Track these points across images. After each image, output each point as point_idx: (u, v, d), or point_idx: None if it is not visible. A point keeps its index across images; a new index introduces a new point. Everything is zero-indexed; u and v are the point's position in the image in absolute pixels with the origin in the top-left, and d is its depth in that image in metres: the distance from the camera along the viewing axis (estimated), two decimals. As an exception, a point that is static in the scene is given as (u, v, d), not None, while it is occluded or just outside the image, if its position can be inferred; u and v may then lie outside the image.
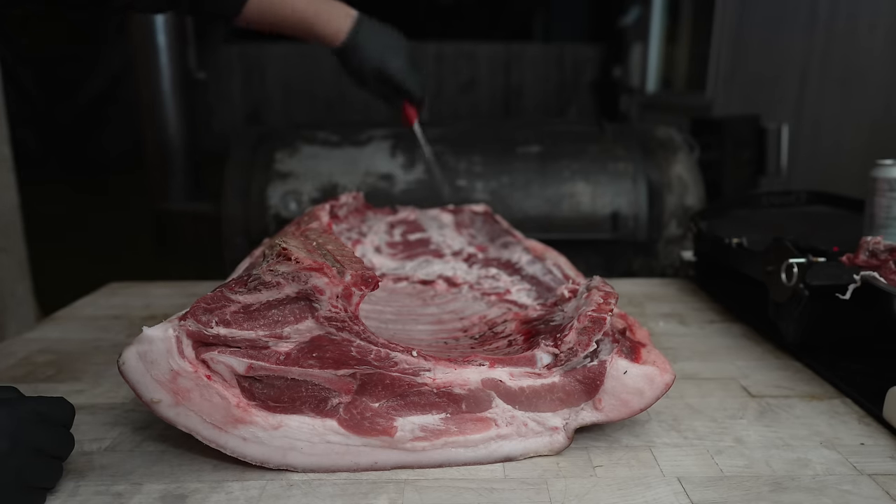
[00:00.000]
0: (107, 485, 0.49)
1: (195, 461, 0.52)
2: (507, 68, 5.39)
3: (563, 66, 5.41)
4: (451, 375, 0.52)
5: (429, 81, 0.86)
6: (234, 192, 1.39)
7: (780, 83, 2.36)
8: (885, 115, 1.80)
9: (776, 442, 0.55)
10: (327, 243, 0.58)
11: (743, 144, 2.17)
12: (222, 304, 0.50)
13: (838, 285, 0.64)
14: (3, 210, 1.43)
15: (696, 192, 1.41)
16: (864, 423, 0.58)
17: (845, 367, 0.67)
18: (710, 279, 0.98)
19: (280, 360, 0.50)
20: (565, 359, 0.53)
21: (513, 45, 5.45)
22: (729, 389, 0.65)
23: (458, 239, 0.93)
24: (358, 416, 0.51)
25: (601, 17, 5.35)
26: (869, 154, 0.97)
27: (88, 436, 0.56)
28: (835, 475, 0.50)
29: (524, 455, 0.52)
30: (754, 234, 0.87)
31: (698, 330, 0.83)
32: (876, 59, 1.86)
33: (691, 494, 0.47)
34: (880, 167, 0.81)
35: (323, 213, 0.82)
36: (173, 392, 0.49)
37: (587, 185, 1.36)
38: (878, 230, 0.81)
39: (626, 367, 0.53)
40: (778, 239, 0.75)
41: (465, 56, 5.34)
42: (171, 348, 0.49)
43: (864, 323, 0.68)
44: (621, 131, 1.48)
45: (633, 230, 1.35)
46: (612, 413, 0.53)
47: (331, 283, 0.50)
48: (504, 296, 0.76)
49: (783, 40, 2.38)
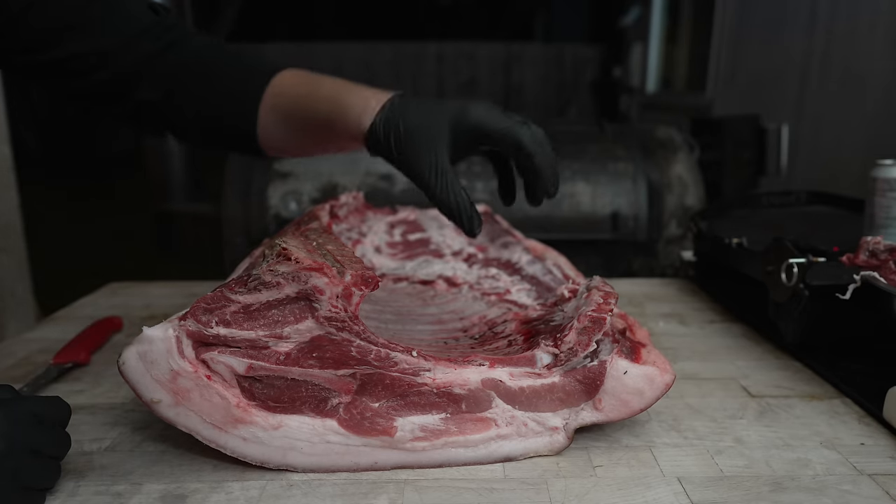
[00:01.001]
0: (107, 485, 0.49)
1: (195, 461, 0.52)
2: (507, 68, 5.39)
3: (563, 66, 5.41)
4: (451, 375, 0.52)
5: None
6: (234, 192, 1.39)
7: (780, 83, 2.36)
8: (885, 115, 1.80)
9: (776, 442, 0.55)
10: (327, 243, 0.58)
11: (743, 144, 2.17)
12: (222, 304, 0.50)
13: (838, 285, 0.64)
14: (3, 210, 1.43)
15: (696, 192, 1.41)
16: (864, 423, 0.58)
17: (845, 367, 0.67)
18: (710, 279, 0.98)
19: (280, 360, 0.50)
20: (565, 359, 0.53)
21: (513, 45, 5.45)
22: (729, 389, 0.65)
23: (457, 239, 0.93)
24: (358, 416, 0.51)
25: (601, 17, 5.35)
26: (869, 154, 0.97)
27: (88, 436, 0.56)
28: (835, 475, 0.50)
29: (524, 455, 0.52)
30: (754, 234, 0.87)
31: (698, 330, 0.83)
32: (876, 59, 1.86)
33: (691, 494, 0.47)
34: (880, 167, 0.81)
35: (323, 213, 0.82)
36: (173, 392, 0.49)
37: (587, 185, 1.36)
38: (878, 230, 0.81)
39: (626, 367, 0.53)
40: (778, 239, 0.75)
41: (465, 56, 5.34)
42: (171, 348, 0.49)
43: (864, 323, 0.68)
44: (621, 131, 1.48)
45: (633, 230, 1.35)
46: (612, 413, 0.53)
47: (331, 283, 0.50)
48: (504, 296, 0.76)
49: (783, 40, 2.38)
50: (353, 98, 0.63)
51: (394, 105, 0.61)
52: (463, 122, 0.59)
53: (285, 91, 0.67)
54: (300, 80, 0.68)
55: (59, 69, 0.64)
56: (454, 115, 0.59)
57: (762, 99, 2.48)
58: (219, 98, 0.69)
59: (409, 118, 0.59)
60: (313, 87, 0.66)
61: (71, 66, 0.64)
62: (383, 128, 0.60)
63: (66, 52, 0.63)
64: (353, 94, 0.63)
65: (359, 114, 0.62)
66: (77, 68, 0.64)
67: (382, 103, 0.61)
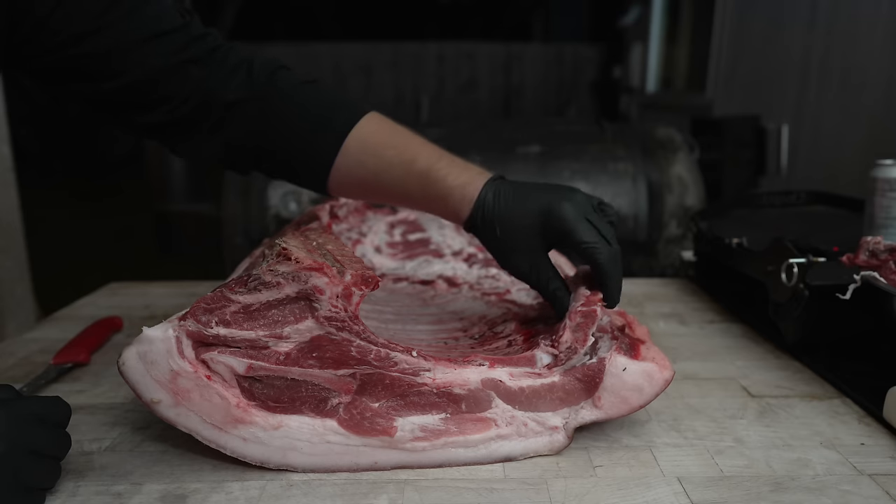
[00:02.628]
0: (107, 485, 0.49)
1: (195, 461, 0.51)
2: (507, 68, 5.39)
3: (563, 66, 5.41)
4: (451, 375, 0.52)
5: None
6: (234, 193, 1.39)
7: (780, 83, 2.36)
8: (885, 115, 1.80)
9: (776, 442, 0.55)
10: (327, 243, 0.58)
11: (743, 144, 2.17)
12: (222, 304, 0.50)
13: (838, 285, 0.64)
14: (3, 210, 1.43)
15: (696, 192, 1.41)
16: (864, 423, 0.58)
17: (845, 367, 0.67)
18: (710, 279, 0.98)
19: (280, 360, 0.50)
20: (565, 358, 0.53)
21: (513, 45, 5.45)
22: (729, 389, 0.65)
23: (457, 239, 0.93)
24: (358, 416, 0.51)
25: (601, 17, 5.35)
26: (869, 154, 0.97)
27: (88, 436, 0.56)
28: (835, 475, 0.50)
29: (524, 455, 0.52)
30: (754, 234, 0.87)
31: (698, 330, 0.83)
32: (876, 59, 1.86)
33: (691, 494, 0.47)
34: (880, 167, 0.81)
35: (323, 213, 0.82)
36: (173, 392, 0.49)
37: (587, 185, 1.36)
38: (878, 230, 0.81)
39: (625, 363, 0.53)
40: (778, 239, 0.75)
41: (465, 56, 5.34)
42: (171, 348, 0.49)
43: (864, 323, 0.68)
44: (621, 131, 1.48)
45: (633, 230, 1.35)
46: (611, 410, 0.53)
47: (331, 282, 0.50)
48: (504, 296, 0.76)
49: (783, 40, 2.38)
50: (450, 182, 0.63)
51: (488, 199, 0.62)
52: (552, 219, 0.60)
53: (365, 161, 0.66)
54: (384, 141, 0.66)
55: (74, 73, 0.60)
56: (545, 208, 0.60)
57: (762, 99, 2.48)
58: (285, 145, 0.67)
59: (504, 218, 0.61)
60: (403, 157, 0.65)
61: (90, 68, 0.60)
62: (481, 222, 0.63)
63: (81, 52, 0.59)
64: (449, 178, 0.63)
65: (457, 203, 0.63)
66: (90, 73, 0.60)
67: (479, 191, 0.62)
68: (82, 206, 4.60)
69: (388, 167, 0.65)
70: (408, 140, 0.67)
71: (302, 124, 0.66)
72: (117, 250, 3.54)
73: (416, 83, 5.28)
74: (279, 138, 0.66)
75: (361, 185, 0.68)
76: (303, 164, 0.67)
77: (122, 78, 0.61)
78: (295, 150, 0.67)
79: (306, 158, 0.67)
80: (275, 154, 0.67)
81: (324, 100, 0.67)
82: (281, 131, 0.66)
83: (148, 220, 3.74)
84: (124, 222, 4.11)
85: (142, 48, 0.60)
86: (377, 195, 0.71)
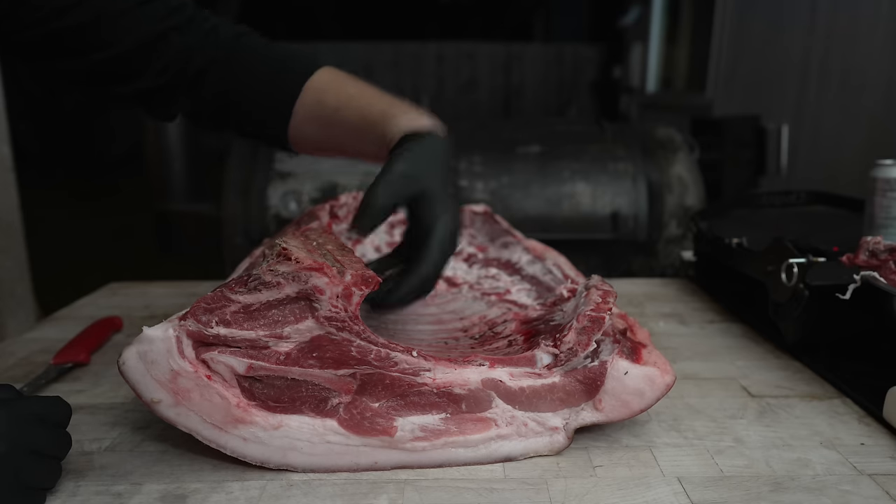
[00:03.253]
0: (107, 485, 0.49)
1: (195, 461, 0.52)
2: (507, 68, 5.40)
3: (563, 66, 5.41)
4: (451, 375, 0.52)
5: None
6: (234, 192, 1.39)
7: (780, 83, 2.36)
8: (885, 116, 1.80)
9: (776, 442, 0.55)
10: (327, 243, 0.58)
11: (743, 144, 2.17)
12: (222, 304, 0.50)
13: (838, 285, 0.64)
14: (3, 210, 1.43)
15: (696, 192, 1.41)
16: (864, 423, 0.58)
17: (845, 367, 0.67)
18: (710, 279, 0.98)
19: (280, 360, 0.50)
20: (565, 359, 0.53)
21: (513, 45, 5.45)
22: (729, 389, 0.65)
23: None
24: (358, 416, 0.51)
25: (601, 17, 5.35)
26: (869, 154, 0.97)
27: (88, 436, 0.56)
28: (835, 475, 0.50)
29: (524, 455, 0.52)
30: (754, 234, 0.87)
31: (698, 330, 0.83)
32: (876, 60, 1.86)
33: (691, 494, 0.47)
34: (880, 167, 0.81)
35: (323, 213, 0.82)
36: (173, 392, 0.49)
37: (587, 185, 1.36)
38: (878, 230, 0.81)
39: (626, 367, 0.53)
40: (778, 239, 0.75)
41: (465, 56, 5.34)
42: (171, 348, 0.49)
43: (864, 323, 0.68)
44: (621, 131, 1.48)
45: (633, 230, 1.35)
46: (612, 413, 0.53)
47: (331, 282, 0.50)
48: (504, 296, 0.76)
49: (783, 40, 2.38)
50: (375, 116, 0.65)
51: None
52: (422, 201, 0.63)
53: (325, 99, 0.68)
54: (344, 81, 0.69)
55: (59, 47, 0.62)
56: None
57: (762, 99, 2.49)
58: (250, 94, 0.70)
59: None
60: (365, 92, 0.68)
61: (69, 43, 0.62)
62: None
63: (64, 25, 0.61)
64: (376, 111, 0.65)
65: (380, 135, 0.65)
66: (76, 46, 0.63)
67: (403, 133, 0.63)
68: (82, 206, 4.60)
69: (347, 100, 0.67)
70: (366, 84, 0.70)
71: (264, 69, 0.70)
72: (117, 250, 3.54)
73: (416, 83, 5.28)
74: (244, 87, 0.69)
75: (320, 126, 0.69)
76: (267, 109, 0.70)
77: (112, 48, 0.63)
78: (258, 95, 0.70)
79: (270, 103, 0.70)
80: (240, 105, 0.70)
81: (286, 51, 0.71)
82: (245, 80, 0.69)
83: (148, 219, 3.74)
84: (124, 222, 4.11)
85: (128, 17, 0.63)
86: (334, 140, 0.71)
